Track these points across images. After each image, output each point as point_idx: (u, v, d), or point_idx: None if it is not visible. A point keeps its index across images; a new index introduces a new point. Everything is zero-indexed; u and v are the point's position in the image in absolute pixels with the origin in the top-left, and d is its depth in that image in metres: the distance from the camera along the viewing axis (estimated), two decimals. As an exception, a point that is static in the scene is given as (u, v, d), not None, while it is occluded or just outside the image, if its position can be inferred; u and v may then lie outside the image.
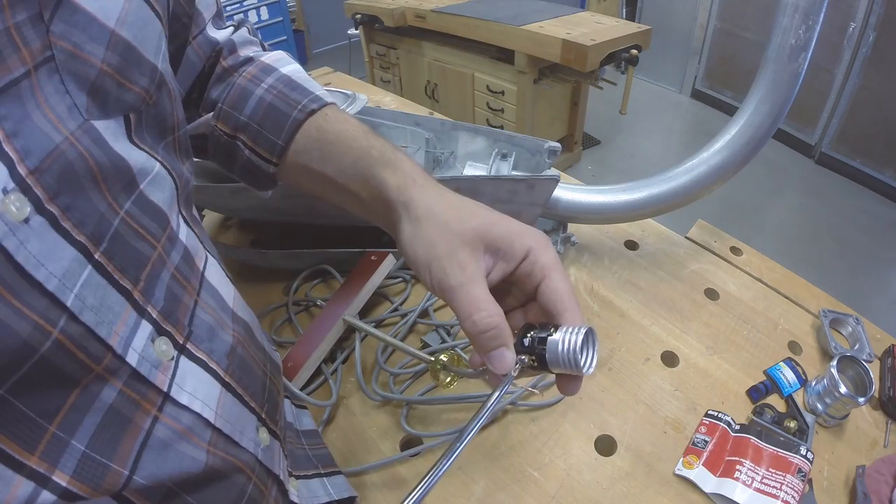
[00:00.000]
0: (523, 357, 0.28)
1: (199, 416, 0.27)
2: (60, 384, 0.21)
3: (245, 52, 0.44)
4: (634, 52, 2.01)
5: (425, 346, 0.61)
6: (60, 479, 0.20)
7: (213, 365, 0.29)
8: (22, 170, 0.19)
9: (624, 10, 3.65)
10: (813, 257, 2.16)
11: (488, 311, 0.28)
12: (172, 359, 0.26)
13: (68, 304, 0.21)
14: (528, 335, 0.29)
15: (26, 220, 0.19)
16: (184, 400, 0.26)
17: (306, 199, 0.64)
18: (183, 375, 0.27)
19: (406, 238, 0.32)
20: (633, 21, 3.05)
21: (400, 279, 0.69)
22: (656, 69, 3.53)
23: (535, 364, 0.29)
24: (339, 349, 0.61)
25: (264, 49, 0.47)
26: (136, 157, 0.26)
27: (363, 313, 0.63)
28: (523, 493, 0.48)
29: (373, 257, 0.64)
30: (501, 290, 0.33)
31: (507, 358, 0.28)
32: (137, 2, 0.27)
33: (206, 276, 0.32)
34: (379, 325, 0.64)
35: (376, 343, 0.60)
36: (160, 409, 0.25)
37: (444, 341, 0.61)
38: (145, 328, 0.25)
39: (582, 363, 0.27)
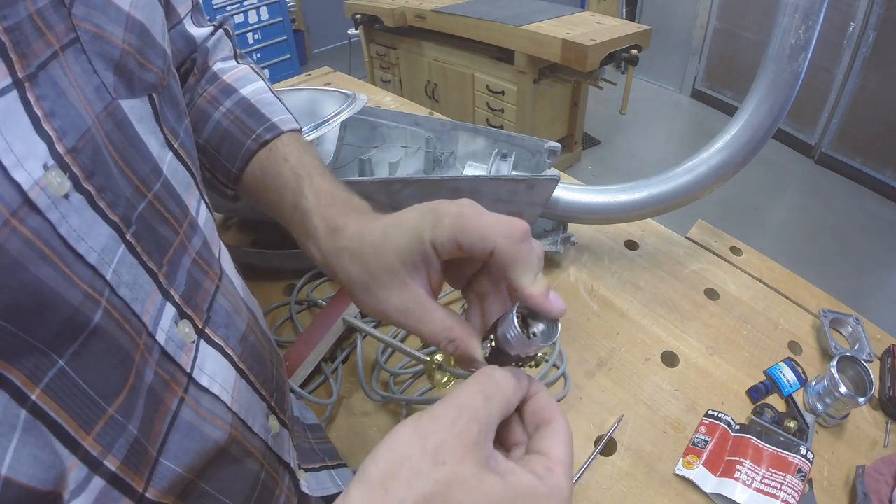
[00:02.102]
0: (487, 345, 0.27)
1: (217, 398, 0.28)
2: (122, 360, 0.21)
3: (214, 63, 0.43)
4: (634, 52, 2.01)
5: (425, 346, 0.61)
6: (111, 463, 0.20)
7: (228, 351, 0.30)
8: (60, 148, 0.20)
9: (624, 10, 3.64)
10: (813, 257, 2.16)
11: (437, 329, 0.27)
12: (194, 342, 0.27)
13: (108, 277, 0.21)
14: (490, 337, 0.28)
15: (66, 196, 0.20)
16: (204, 382, 0.27)
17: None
18: (203, 358, 0.27)
19: (357, 302, 0.30)
20: (633, 21, 3.05)
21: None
22: (656, 69, 3.53)
23: (505, 360, 0.27)
24: (339, 349, 0.61)
25: (236, 56, 0.45)
26: (153, 143, 0.27)
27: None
28: (523, 492, 0.48)
29: None
30: (452, 270, 0.30)
31: (464, 344, 0.27)
32: None
33: (224, 264, 0.33)
34: (379, 325, 0.64)
35: (377, 343, 0.60)
36: (186, 391, 0.26)
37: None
38: (170, 310, 0.25)
39: (533, 345, 0.25)
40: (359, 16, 2.61)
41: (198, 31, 0.42)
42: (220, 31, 0.44)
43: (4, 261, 0.17)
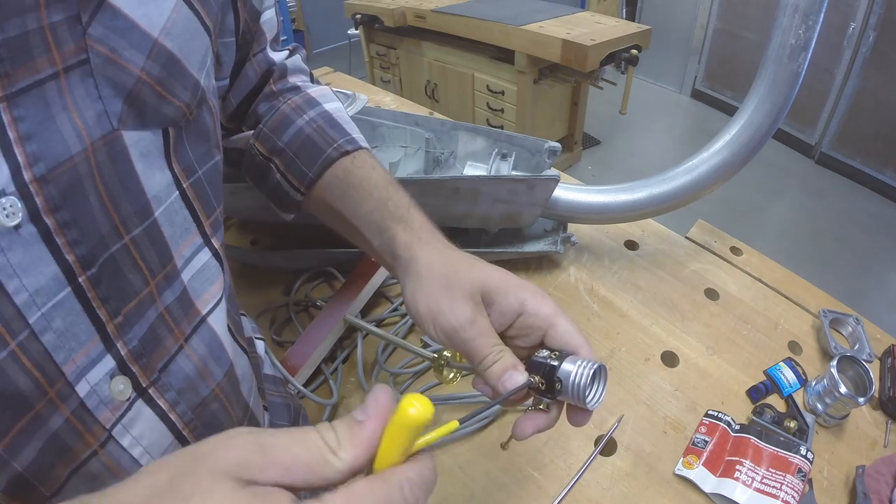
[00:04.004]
0: (533, 378, 0.29)
1: (137, 462, 0.26)
2: (14, 403, 0.20)
3: (294, 80, 0.46)
4: (634, 52, 2.00)
5: (426, 345, 0.61)
6: None
7: (172, 416, 0.28)
8: (27, 175, 0.19)
9: (624, 10, 3.64)
10: (813, 257, 2.16)
11: (494, 352, 0.29)
12: (128, 399, 0.25)
13: (31, 321, 0.20)
14: (542, 357, 0.30)
15: (17, 227, 0.19)
16: (125, 442, 0.25)
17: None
18: (133, 419, 0.26)
19: (409, 293, 0.33)
20: (633, 21, 3.05)
21: (400, 279, 0.69)
22: (656, 69, 3.53)
23: (543, 387, 0.29)
24: (339, 348, 0.61)
25: (313, 79, 0.49)
26: (156, 180, 0.26)
27: (363, 312, 0.63)
28: (523, 493, 0.48)
29: (373, 258, 0.64)
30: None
31: (516, 377, 0.29)
32: (186, 13, 0.27)
33: (210, 321, 0.30)
34: (379, 324, 0.64)
35: (377, 343, 0.60)
36: (102, 446, 0.24)
37: (444, 341, 0.61)
38: (107, 363, 0.24)
39: (588, 398, 0.28)
40: (359, 16, 2.60)
41: (277, 55, 0.44)
42: (296, 55, 0.48)
43: None
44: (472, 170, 0.77)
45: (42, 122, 0.19)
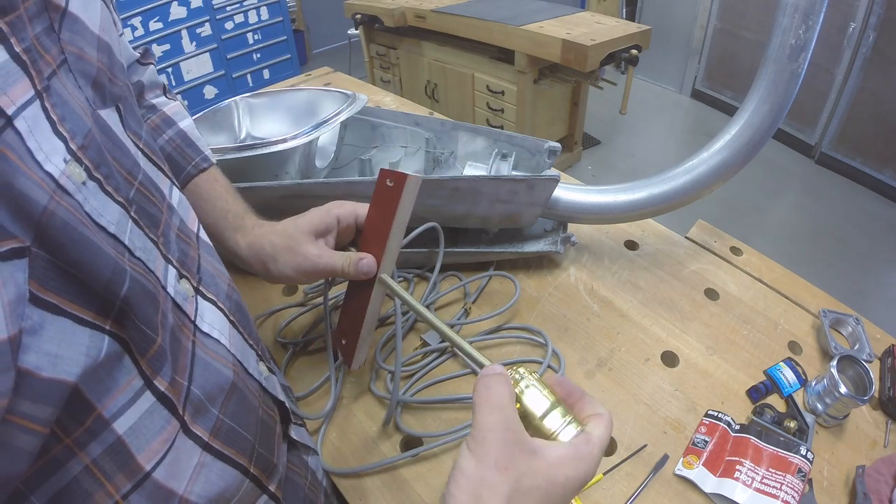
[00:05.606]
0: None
1: (219, 342, 0.33)
2: (151, 302, 0.27)
3: (150, 97, 0.50)
4: (634, 52, 2.00)
5: (425, 344, 0.61)
6: (160, 384, 0.27)
7: (220, 304, 0.36)
8: (73, 146, 0.24)
9: (624, 10, 3.64)
10: (813, 257, 2.16)
11: (342, 260, 0.44)
12: (193, 296, 0.33)
13: (126, 242, 0.26)
14: None
15: (84, 183, 0.24)
16: (205, 329, 0.33)
17: (307, 199, 0.64)
18: (202, 310, 0.33)
19: (276, 270, 0.46)
20: (633, 21, 3.05)
21: (402, 278, 0.69)
22: (656, 69, 3.53)
23: None
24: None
25: (165, 92, 0.52)
26: (130, 143, 0.32)
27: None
28: (523, 492, 0.48)
29: (388, 181, 0.45)
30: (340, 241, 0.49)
31: (368, 259, 0.43)
32: (105, 13, 0.33)
33: (201, 236, 0.38)
34: (381, 323, 0.64)
35: (376, 342, 0.60)
36: (194, 335, 0.31)
37: (442, 340, 0.61)
38: (172, 271, 0.31)
39: None
40: (359, 16, 2.60)
41: (127, 53, 0.46)
42: (152, 67, 0.51)
43: (56, 222, 0.21)
44: (472, 170, 0.77)
45: (64, 106, 0.24)
